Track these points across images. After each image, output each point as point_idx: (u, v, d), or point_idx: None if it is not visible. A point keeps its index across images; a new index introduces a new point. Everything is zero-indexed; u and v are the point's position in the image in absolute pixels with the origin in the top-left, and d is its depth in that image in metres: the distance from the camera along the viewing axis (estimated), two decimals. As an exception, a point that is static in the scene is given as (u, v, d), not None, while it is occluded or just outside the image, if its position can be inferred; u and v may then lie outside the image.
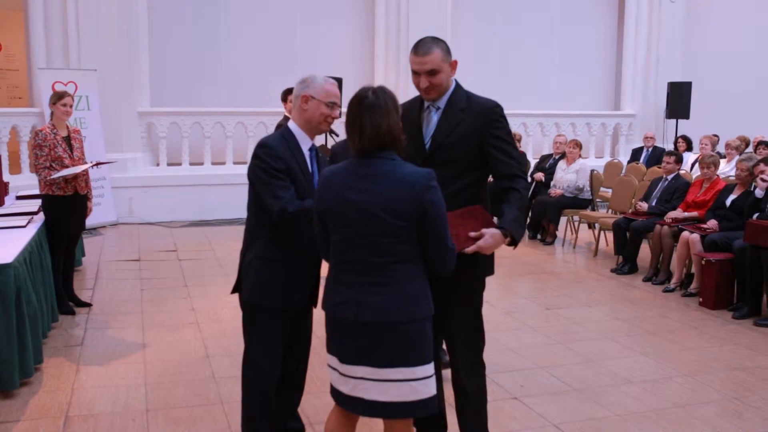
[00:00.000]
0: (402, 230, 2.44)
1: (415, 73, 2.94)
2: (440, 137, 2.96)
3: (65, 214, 5.48)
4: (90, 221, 6.14)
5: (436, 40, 2.92)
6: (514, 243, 2.86)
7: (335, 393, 2.63)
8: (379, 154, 2.48)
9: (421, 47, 2.90)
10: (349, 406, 2.58)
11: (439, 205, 2.46)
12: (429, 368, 2.54)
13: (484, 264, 3.07)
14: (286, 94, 6.82)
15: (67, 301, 5.65)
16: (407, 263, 2.48)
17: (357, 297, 2.47)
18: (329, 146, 8.25)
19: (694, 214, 6.87)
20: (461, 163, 2.95)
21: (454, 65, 2.96)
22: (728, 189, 6.71)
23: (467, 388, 3.11)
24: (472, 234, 2.76)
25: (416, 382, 2.50)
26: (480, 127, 2.94)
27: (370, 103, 2.47)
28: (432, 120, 3.00)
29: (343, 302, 2.51)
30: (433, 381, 2.56)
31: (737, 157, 7.71)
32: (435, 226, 2.46)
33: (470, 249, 2.74)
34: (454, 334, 3.09)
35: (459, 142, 2.94)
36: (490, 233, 2.76)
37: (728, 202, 6.56)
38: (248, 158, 10.32)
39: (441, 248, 2.50)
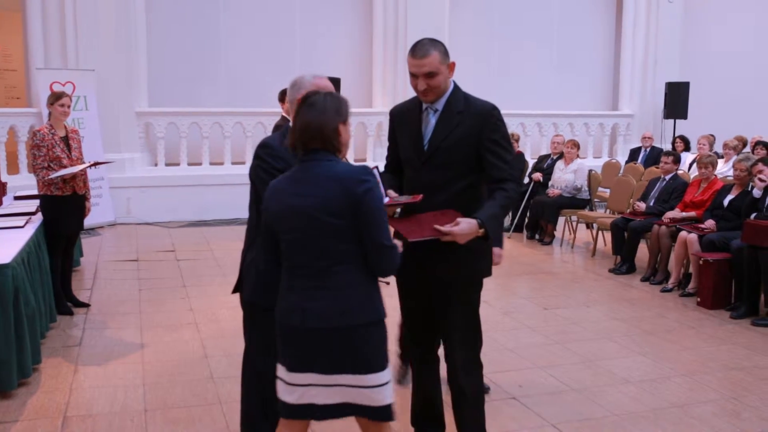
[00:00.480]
0: (340, 230, 2.41)
1: (413, 76, 2.91)
2: (438, 139, 2.95)
3: (63, 214, 5.48)
4: (88, 221, 6.14)
5: (434, 42, 2.90)
6: (487, 237, 2.83)
7: (281, 405, 2.57)
8: (315, 156, 2.45)
9: (418, 49, 2.87)
10: (299, 415, 2.53)
11: (373, 198, 2.40)
12: (380, 376, 2.47)
13: (482, 264, 3.07)
14: (284, 94, 6.83)
15: (66, 302, 5.65)
16: (350, 266, 2.44)
17: (303, 303, 2.46)
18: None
19: (692, 214, 6.88)
20: (460, 164, 2.95)
21: (452, 67, 2.95)
22: (726, 189, 6.72)
23: (465, 387, 3.11)
24: (447, 226, 2.74)
25: (366, 389, 2.46)
26: (478, 129, 2.92)
27: (310, 102, 2.46)
28: (430, 122, 2.99)
29: (291, 308, 2.49)
30: (387, 390, 2.49)
31: (735, 157, 7.71)
32: (369, 218, 2.40)
33: (444, 230, 2.71)
34: (452, 333, 3.09)
35: (457, 144, 2.93)
36: (466, 221, 2.75)
37: (726, 202, 6.56)
38: (246, 158, 10.37)
39: (376, 244, 2.42)
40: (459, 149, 2.93)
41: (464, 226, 2.73)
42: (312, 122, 2.43)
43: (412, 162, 3.02)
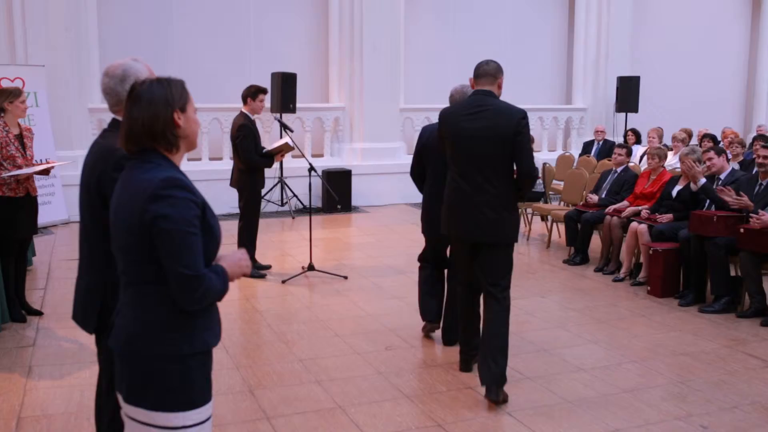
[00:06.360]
0: (136, 247, 2.07)
1: None
2: None
3: (16, 216, 5.28)
4: (41, 220, 5.98)
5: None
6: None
7: None
8: (139, 157, 2.13)
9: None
10: None
11: (172, 219, 2.01)
12: (173, 418, 2.09)
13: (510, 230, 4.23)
14: (249, 93, 6.87)
15: (19, 308, 5.48)
16: (154, 288, 2.09)
17: (116, 317, 2.22)
18: (288, 141, 8.14)
19: (643, 207, 6.98)
20: None
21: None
22: (674, 180, 6.91)
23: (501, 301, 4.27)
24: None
25: (154, 429, 2.11)
26: None
27: (135, 95, 2.13)
28: None
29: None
30: None
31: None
32: (164, 242, 2.01)
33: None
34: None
35: None
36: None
37: (674, 193, 6.75)
38: (202, 155, 10.23)
39: (172, 272, 2.02)
40: None
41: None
42: (138, 119, 2.10)
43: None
